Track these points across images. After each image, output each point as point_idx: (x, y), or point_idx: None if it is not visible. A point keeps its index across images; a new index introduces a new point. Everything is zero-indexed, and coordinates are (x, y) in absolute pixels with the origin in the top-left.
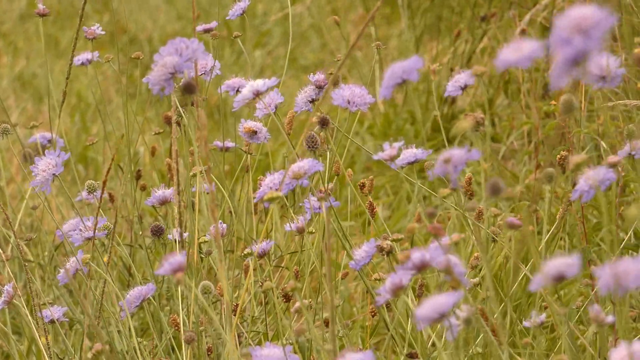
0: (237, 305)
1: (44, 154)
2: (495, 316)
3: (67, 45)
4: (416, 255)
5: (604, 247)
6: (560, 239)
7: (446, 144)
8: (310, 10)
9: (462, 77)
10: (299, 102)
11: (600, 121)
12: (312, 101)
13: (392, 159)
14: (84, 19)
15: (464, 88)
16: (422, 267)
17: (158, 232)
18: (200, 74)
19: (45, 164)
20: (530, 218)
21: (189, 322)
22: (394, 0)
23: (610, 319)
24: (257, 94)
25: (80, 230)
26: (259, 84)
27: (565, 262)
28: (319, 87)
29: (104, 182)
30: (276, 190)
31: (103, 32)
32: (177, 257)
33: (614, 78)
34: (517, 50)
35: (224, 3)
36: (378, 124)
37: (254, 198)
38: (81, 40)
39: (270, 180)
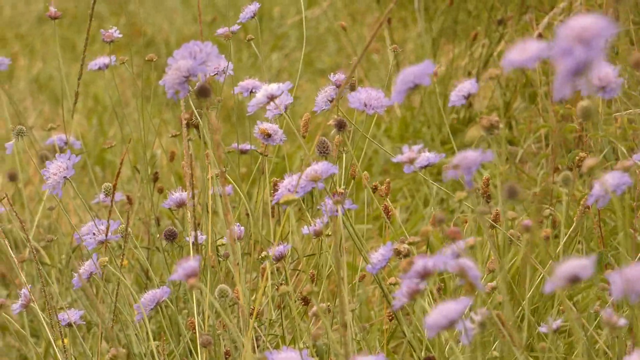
0: (254, 308)
1: (58, 157)
2: (510, 320)
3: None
4: (419, 263)
5: (622, 250)
6: (578, 242)
7: (463, 147)
8: (327, 14)
9: (465, 86)
10: (319, 102)
11: (618, 124)
12: (332, 101)
13: (411, 161)
14: (101, 21)
15: (467, 97)
16: (425, 275)
17: (171, 237)
18: (213, 74)
19: (57, 167)
20: (541, 220)
21: (204, 326)
22: (410, 3)
23: (623, 322)
24: (272, 98)
25: (94, 233)
26: (274, 88)
27: (579, 264)
28: (339, 87)
29: (114, 186)
30: (292, 192)
31: (120, 35)
32: (191, 263)
33: (613, 88)
34: (523, 51)
35: (240, 5)
36: (395, 127)
37: (272, 200)
38: (98, 44)
39: (288, 182)
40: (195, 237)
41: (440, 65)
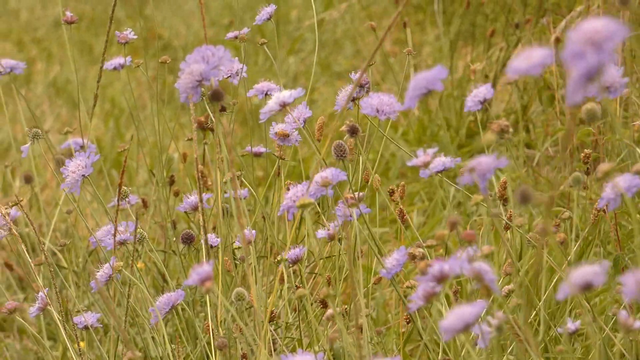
0: (271, 312)
1: (77, 155)
2: (525, 324)
3: (101, 52)
4: (436, 266)
5: (638, 253)
6: (595, 245)
7: (479, 150)
8: (344, 17)
9: (480, 92)
10: (340, 101)
11: (635, 128)
12: (354, 100)
13: (426, 165)
14: (117, 25)
15: (483, 102)
16: (441, 279)
17: (188, 240)
18: (226, 76)
19: (75, 166)
20: (558, 223)
21: (219, 329)
22: (427, 6)
23: (639, 324)
24: (284, 105)
25: (112, 235)
26: (285, 95)
27: (592, 271)
28: (361, 86)
29: (120, 185)
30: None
31: (135, 37)
32: (205, 267)
33: (617, 88)
34: (527, 59)
35: (256, 9)
36: (412, 130)
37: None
38: (114, 47)
39: (293, 193)
40: (206, 241)
41: (477, 64)
